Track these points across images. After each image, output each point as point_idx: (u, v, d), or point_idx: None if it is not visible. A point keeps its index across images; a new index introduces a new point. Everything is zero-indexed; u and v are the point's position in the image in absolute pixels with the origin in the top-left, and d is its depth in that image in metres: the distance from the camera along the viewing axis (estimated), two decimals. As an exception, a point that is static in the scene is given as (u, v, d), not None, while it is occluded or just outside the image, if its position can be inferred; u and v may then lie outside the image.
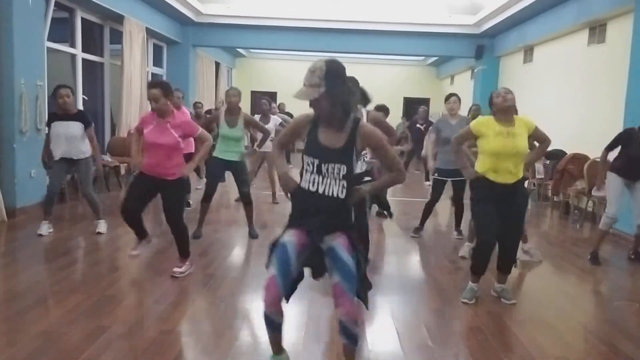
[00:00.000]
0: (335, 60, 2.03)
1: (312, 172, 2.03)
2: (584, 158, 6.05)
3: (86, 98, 7.36)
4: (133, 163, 3.71)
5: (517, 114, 3.42)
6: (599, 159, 4.55)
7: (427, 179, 8.79)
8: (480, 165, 3.21)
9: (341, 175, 2.01)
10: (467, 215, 4.36)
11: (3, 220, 4.85)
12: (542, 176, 7.06)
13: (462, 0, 9.09)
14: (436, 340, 2.72)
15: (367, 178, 3.37)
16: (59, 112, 4.40)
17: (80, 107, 7.13)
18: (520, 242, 4.26)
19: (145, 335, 2.61)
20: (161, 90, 3.29)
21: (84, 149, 4.48)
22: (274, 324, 2.08)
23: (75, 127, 4.38)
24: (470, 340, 2.76)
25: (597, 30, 6.65)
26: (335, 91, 1.97)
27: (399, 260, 4.40)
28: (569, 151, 6.55)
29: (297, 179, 2.16)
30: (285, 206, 6.39)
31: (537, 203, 7.28)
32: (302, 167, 2.08)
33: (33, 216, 5.00)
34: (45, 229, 4.46)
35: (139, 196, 3.46)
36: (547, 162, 6.93)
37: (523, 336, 2.82)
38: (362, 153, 3.38)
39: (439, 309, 3.19)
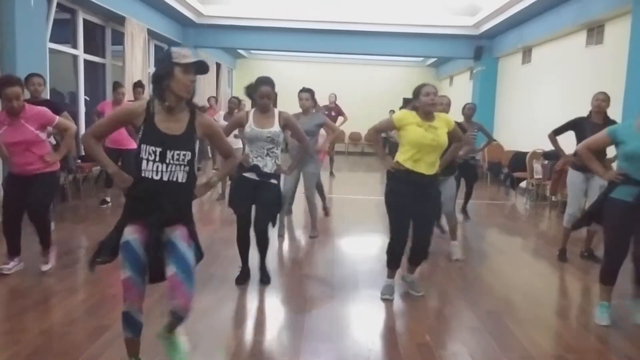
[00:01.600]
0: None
1: (153, 160, 1.97)
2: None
3: (87, 99, 7.38)
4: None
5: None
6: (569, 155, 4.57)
7: None
8: (400, 155, 3.19)
9: (183, 160, 2.00)
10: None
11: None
12: (541, 176, 7.09)
13: (461, 2, 9.12)
14: (436, 340, 2.73)
15: (273, 181, 3.35)
16: (31, 99, 4.34)
17: (82, 106, 7.18)
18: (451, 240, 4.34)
19: (146, 334, 2.62)
20: (20, 87, 3.20)
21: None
22: (135, 323, 2.03)
23: None
24: (470, 340, 2.78)
25: (595, 31, 6.67)
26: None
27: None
28: (567, 151, 6.56)
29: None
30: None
31: (535, 203, 7.31)
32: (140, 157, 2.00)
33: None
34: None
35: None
36: (546, 162, 6.95)
37: (523, 336, 2.83)
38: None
39: (439, 309, 3.20)
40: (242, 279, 3.47)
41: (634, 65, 5.33)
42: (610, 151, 3.50)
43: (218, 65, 12.78)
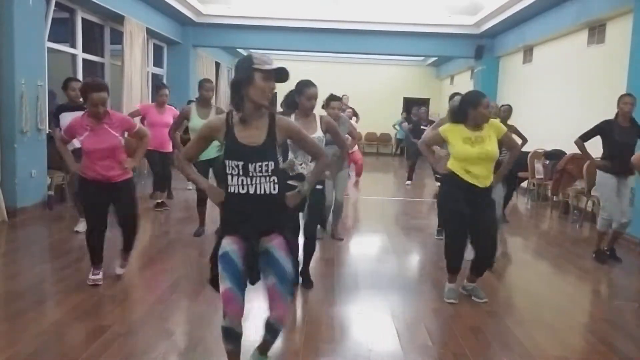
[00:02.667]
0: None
1: (238, 174, 1.93)
2: (584, 158, 6.05)
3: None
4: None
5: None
6: (597, 159, 4.57)
7: (410, 179, 8.82)
8: (452, 164, 3.18)
9: (267, 171, 1.94)
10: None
11: (4, 220, 4.86)
12: (542, 176, 7.07)
13: (462, 1, 9.09)
14: (436, 340, 2.72)
15: (318, 186, 3.26)
16: (70, 104, 4.49)
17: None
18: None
19: (145, 335, 2.62)
20: (107, 93, 3.17)
21: None
22: (235, 337, 1.97)
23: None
24: (470, 340, 2.76)
25: (596, 31, 6.65)
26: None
27: (399, 260, 4.40)
28: (569, 151, 6.55)
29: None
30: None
31: (536, 203, 7.29)
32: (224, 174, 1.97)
33: (34, 216, 5.01)
34: (82, 226, 4.39)
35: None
36: (547, 162, 6.94)
37: (523, 336, 2.82)
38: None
39: (439, 309, 3.19)
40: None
41: (635, 65, 5.30)
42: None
43: (217, 65, 12.76)
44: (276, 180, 1.96)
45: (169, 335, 2.64)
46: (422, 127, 9.14)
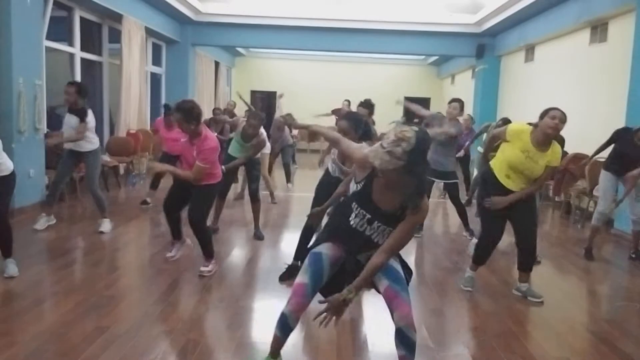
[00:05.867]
0: (425, 133, 1.83)
1: (361, 219, 1.98)
2: (585, 158, 6.03)
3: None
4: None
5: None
6: (601, 159, 4.58)
7: None
8: (496, 163, 3.25)
9: (388, 232, 1.97)
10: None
11: (2, 220, 4.83)
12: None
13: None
14: (436, 340, 2.71)
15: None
16: (69, 106, 4.56)
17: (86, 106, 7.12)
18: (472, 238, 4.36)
19: (145, 335, 2.60)
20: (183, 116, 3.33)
21: (85, 142, 4.53)
22: (287, 328, 2.03)
23: (73, 121, 4.49)
24: (470, 340, 2.75)
25: (598, 30, 6.63)
26: (416, 168, 1.77)
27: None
28: (570, 151, 6.52)
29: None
30: (285, 206, 6.40)
31: (538, 203, 7.26)
32: (344, 200, 2.02)
33: (32, 216, 4.98)
34: (42, 222, 4.59)
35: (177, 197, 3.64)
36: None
37: (523, 336, 2.81)
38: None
39: (439, 309, 3.17)
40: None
41: (638, 64, 5.28)
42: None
43: (216, 64, 12.73)
44: (388, 233, 1.98)
45: (169, 335, 2.62)
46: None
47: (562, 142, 4.27)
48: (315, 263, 1.97)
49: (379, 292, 2.04)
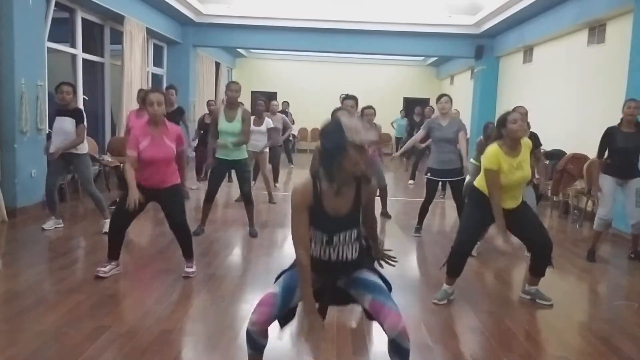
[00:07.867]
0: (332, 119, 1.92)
1: (321, 245, 1.93)
2: (584, 158, 6.05)
3: (86, 98, 7.36)
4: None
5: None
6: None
7: (412, 178, 8.82)
8: (483, 188, 3.14)
9: (350, 234, 1.93)
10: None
11: (4, 220, 4.85)
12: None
13: (462, 1, 9.09)
14: (436, 340, 2.72)
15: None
16: (60, 108, 4.51)
17: (81, 106, 7.13)
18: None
19: (146, 335, 2.61)
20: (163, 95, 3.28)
21: (78, 145, 4.51)
22: (257, 345, 1.91)
23: (67, 123, 4.45)
24: (470, 340, 2.76)
25: (596, 31, 6.65)
26: (329, 144, 1.82)
27: (399, 260, 4.38)
28: (569, 151, 6.55)
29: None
30: (285, 206, 6.41)
31: (537, 203, 7.27)
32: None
33: (34, 216, 5.01)
34: (50, 224, 4.63)
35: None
36: (547, 162, 6.93)
37: (523, 336, 2.82)
38: None
39: (439, 309, 3.18)
40: None
41: (635, 65, 5.30)
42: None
43: (217, 65, 12.76)
44: (357, 246, 1.97)
45: (169, 335, 2.64)
46: None
47: (534, 138, 4.16)
48: (291, 277, 1.94)
49: (364, 309, 1.97)
